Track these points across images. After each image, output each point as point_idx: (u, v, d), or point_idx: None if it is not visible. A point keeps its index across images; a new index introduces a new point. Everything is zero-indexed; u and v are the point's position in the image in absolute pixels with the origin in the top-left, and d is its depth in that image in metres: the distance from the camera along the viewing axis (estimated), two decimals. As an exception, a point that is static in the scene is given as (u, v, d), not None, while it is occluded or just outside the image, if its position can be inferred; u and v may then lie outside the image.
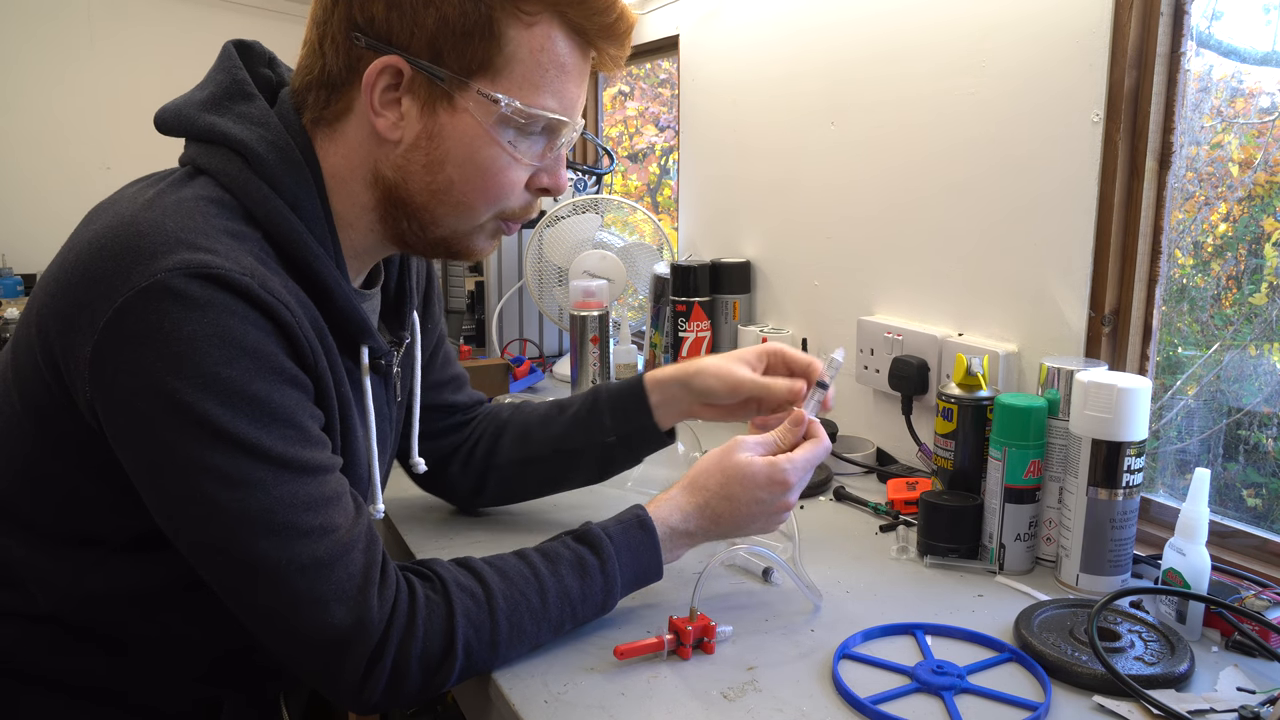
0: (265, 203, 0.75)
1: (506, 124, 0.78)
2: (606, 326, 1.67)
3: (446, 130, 0.77)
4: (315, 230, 0.78)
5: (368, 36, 0.75)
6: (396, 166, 0.79)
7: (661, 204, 2.74)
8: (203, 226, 0.70)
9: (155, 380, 0.66)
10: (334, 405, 0.79)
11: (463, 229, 0.83)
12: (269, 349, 0.70)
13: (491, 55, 0.75)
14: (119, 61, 2.57)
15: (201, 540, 0.71)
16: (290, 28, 2.67)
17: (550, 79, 0.78)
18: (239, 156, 0.76)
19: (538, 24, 0.76)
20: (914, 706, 0.76)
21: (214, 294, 0.67)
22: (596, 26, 0.79)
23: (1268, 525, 1.04)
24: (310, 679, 0.75)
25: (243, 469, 0.68)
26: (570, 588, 0.82)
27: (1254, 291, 1.08)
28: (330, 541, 0.72)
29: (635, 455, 1.09)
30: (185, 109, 0.79)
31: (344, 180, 0.81)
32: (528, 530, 1.11)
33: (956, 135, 1.25)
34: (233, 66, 0.80)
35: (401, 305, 0.96)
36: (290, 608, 0.70)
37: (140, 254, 0.67)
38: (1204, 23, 1.05)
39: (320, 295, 0.78)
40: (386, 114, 0.77)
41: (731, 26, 1.71)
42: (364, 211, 0.82)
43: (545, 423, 1.09)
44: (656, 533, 0.87)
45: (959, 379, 1.07)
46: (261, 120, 0.77)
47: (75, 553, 0.78)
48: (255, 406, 0.69)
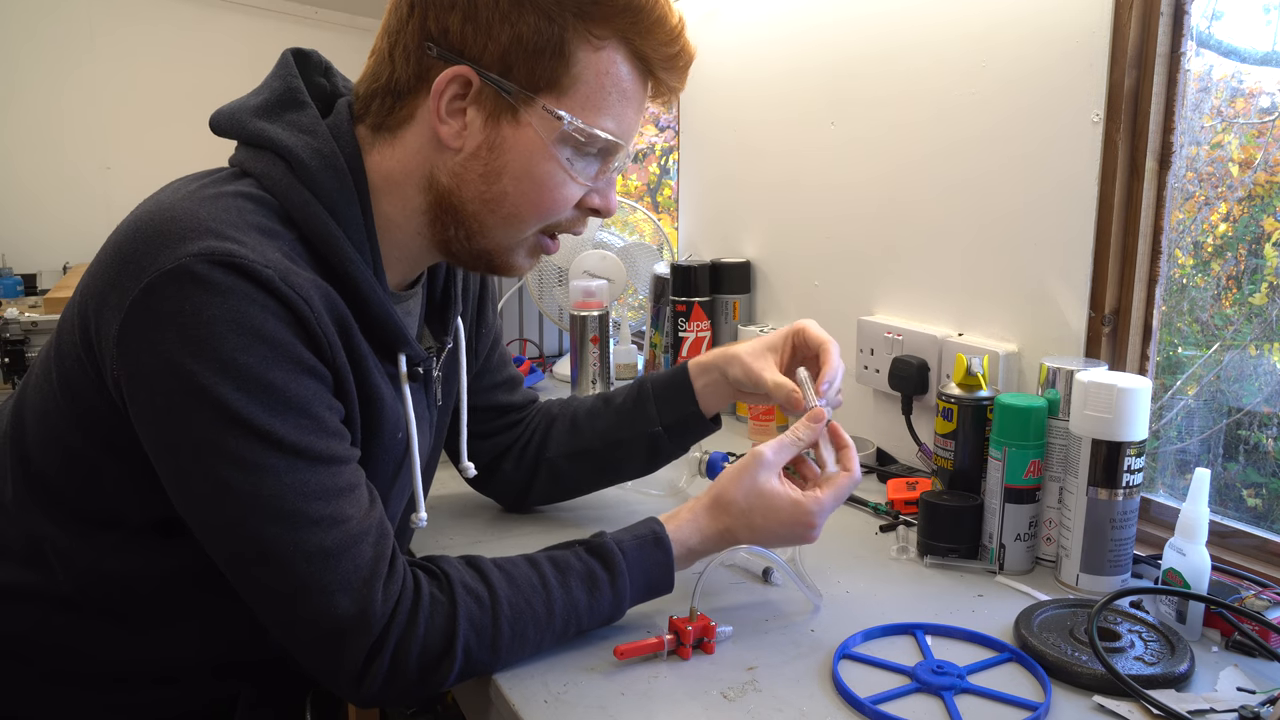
0: (304, 206, 0.77)
1: (566, 142, 0.80)
2: (606, 326, 1.67)
3: (508, 143, 0.79)
4: (353, 236, 0.79)
5: (440, 47, 0.78)
6: (453, 173, 0.81)
7: (661, 204, 2.74)
8: (235, 219, 0.73)
9: (175, 361, 0.68)
10: (354, 400, 0.80)
11: (507, 242, 0.85)
12: (287, 338, 0.71)
13: (559, 74, 0.78)
14: (119, 61, 2.56)
15: (212, 521, 0.73)
16: (292, 28, 2.66)
17: (612, 102, 0.81)
18: (283, 161, 0.78)
19: (605, 48, 0.79)
20: (914, 706, 0.76)
21: (235, 281, 0.69)
22: (660, 57, 0.81)
23: (1268, 525, 1.04)
24: (310, 667, 0.75)
25: (256, 454, 0.70)
26: (578, 600, 0.82)
27: (1254, 291, 1.08)
28: (340, 532, 0.72)
29: (683, 444, 1.10)
30: (239, 113, 0.81)
31: (397, 183, 0.82)
32: (535, 528, 1.11)
33: (956, 135, 1.25)
34: (288, 74, 0.83)
35: (446, 309, 0.97)
36: (294, 594, 0.71)
37: (170, 238, 0.70)
38: (1204, 23, 1.05)
39: (354, 298, 0.79)
40: (451, 122, 0.79)
41: (731, 26, 1.71)
42: (413, 214, 0.84)
43: (593, 415, 1.10)
44: (672, 552, 0.87)
45: (959, 379, 1.07)
46: (310, 128, 0.80)
47: (98, 533, 0.80)
48: (271, 394, 0.70)
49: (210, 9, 2.53)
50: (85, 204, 2.51)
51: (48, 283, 2.42)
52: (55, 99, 2.48)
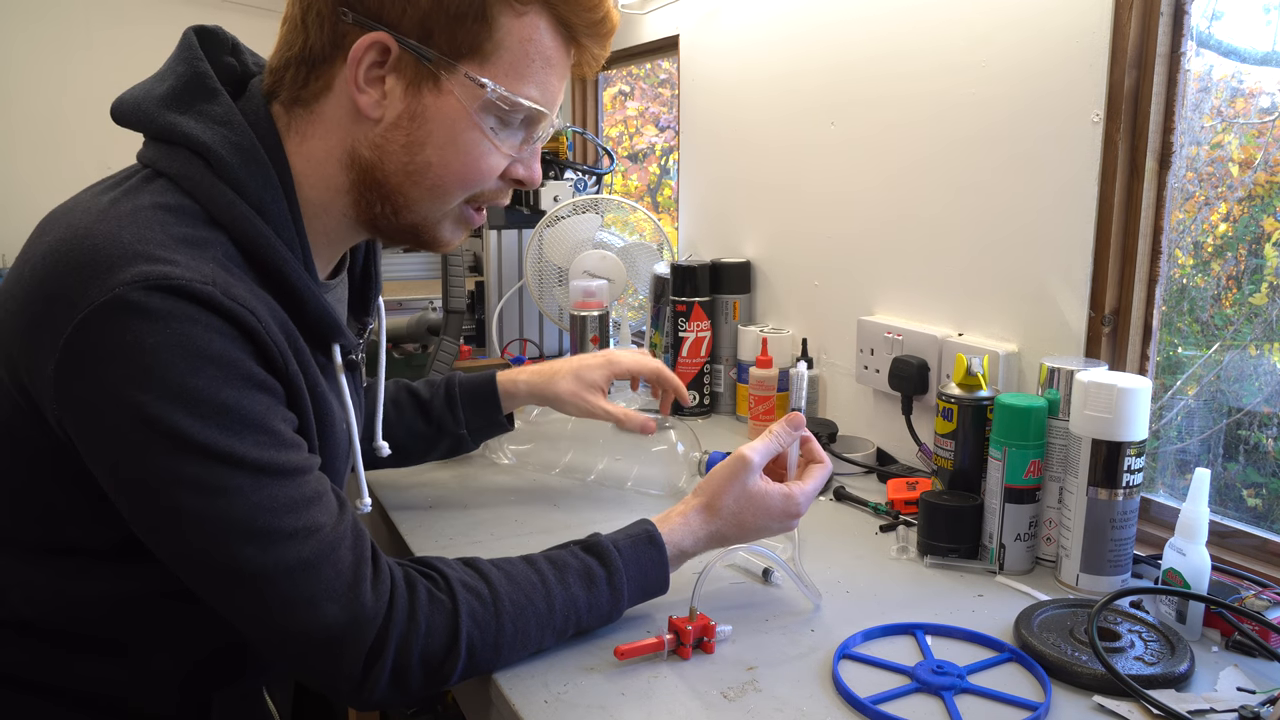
0: (230, 208, 0.73)
1: (489, 110, 0.78)
2: (606, 326, 1.67)
3: (430, 111, 0.77)
4: (283, 233, 0.76)
5: (356, 13, 0.75)
6: (374, 145, 0.78)
7: (661, 204, 2.74)
8: (160, 236, 0.69)
9: (122, 396, 0.65)
10: (308, 406, 0.78)
11: (433, 215, 0.83)
12: (235, 355, 0.69)
13: (481, 40, 0.76)
14: (118, 61, 2.56)
15: (184, 552, 0.70)
16: (290, 28, 2.67)
17: (535, 70, 0.79)
18: (200, 159, 0.74)
19: (528, 14, 0.77)
20: (914, 706, 0.76)
21: (175, 304, 0.66)
22: (584, 22, 0.80)
23: (1268, 525, 1.04)
24: (310, 680, 0.74)
25: (219, 477, 0.67)
26: (577, 596, 0.82)
27: (1254, 291, 1.08)
28: (315, 541, 0.71)
29: (479, 443, 1.24)
30: (144, 103, 0.77)
31: (319, 162, 0.80)
32: (530, 530, 1.11)
33: (956, 135, 1.25)
34: (193, 58, 0.78)
35: (366, 288, 0.96)
36: (282, 611, 0.70)
37: (96, 268, 0.66)
38: (1204, 23, 1.05)
39: (290, 299, 0.77)
40: (370, 91, 0.76)
41: (731, 26, 1.71)
42: (338, 194, 0.81)
43: (400, 407, 1.18)
44: (666, 551, 0.88)
45: (959, 379, 1.07)
46: (224, 119, 0.76)
47: (59, 561, 0.77)
48: (225, 414, 0.67)
49: (210, 9, 2.53)
50: (85, 204, 2.51)
51: (47, 283, 2.42)
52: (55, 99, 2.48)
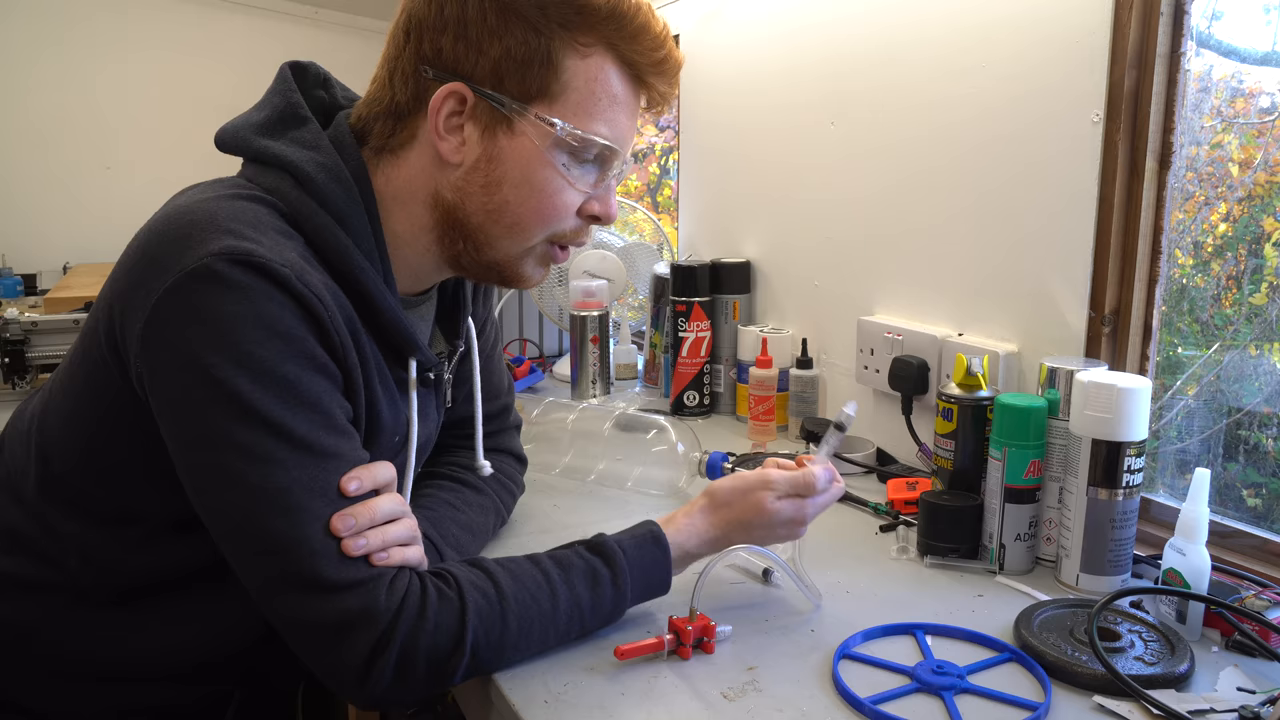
0: (312, 216, 0.80)
1: (560, 147, 0.83)
2: (606, 326, 1.67)
3: (505, 153, 0.82)
4: (362, 245, 0.82)
5: (435, 68, 0.81)
6: (456, 188, 0.84)
7: (661, 204, 2.74)
8: (252, 220, 0.76)
9: (194, 355, 0.71)
10: (361, 401, 0.82)
11: (514, 252, 0.87)
12: (301, 334, 0.74)
13: (549, 82, 0.81)
14: (119, 61, 2.56)
15: (220, 508, 0.74)
16: (292, 28, 2.66)
17: (603, 108, 0.83)
18: (290, 177, 0.81)
19: (592, 55, 0.82)
20: (914, 706, 0.76)
21: (254, 280, 0.72)
22: (647, 61, 0.84)
23: (1268, 525, 1.04)
24: (312, 663, 0.75)
25: (266, 446, 0.72)
26: (581, 596, 0.83)
27: (1254, 291, 1.08)
28: None
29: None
30: (242, 131, 0.84)
31: (404, 202, 0.85)
32: (534, 530, 1.11)
33: (956, 135, 1.25)
34: (288, 90, 0.86)
35: (456, 312, 0.99)
36: (297, 588, 0.72)
37: (191, 239, 0.73)
38: (1204, 23, 1.05)
39: (363, 302, 0.82)
40: (450, 138, 0.82)
41: (731, 26, 1.71)
42: (422, 231, 0.86)
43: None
44: (670, 552, 0.89)
45: (959, 379, 1.07)
46: (313, 144, 0.83)
47: (119, 529, 0.82)
48: (284, 387, 0.72)
49: (210, 9, 2.53)
50: (85, 204, 2.51)
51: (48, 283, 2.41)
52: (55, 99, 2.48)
